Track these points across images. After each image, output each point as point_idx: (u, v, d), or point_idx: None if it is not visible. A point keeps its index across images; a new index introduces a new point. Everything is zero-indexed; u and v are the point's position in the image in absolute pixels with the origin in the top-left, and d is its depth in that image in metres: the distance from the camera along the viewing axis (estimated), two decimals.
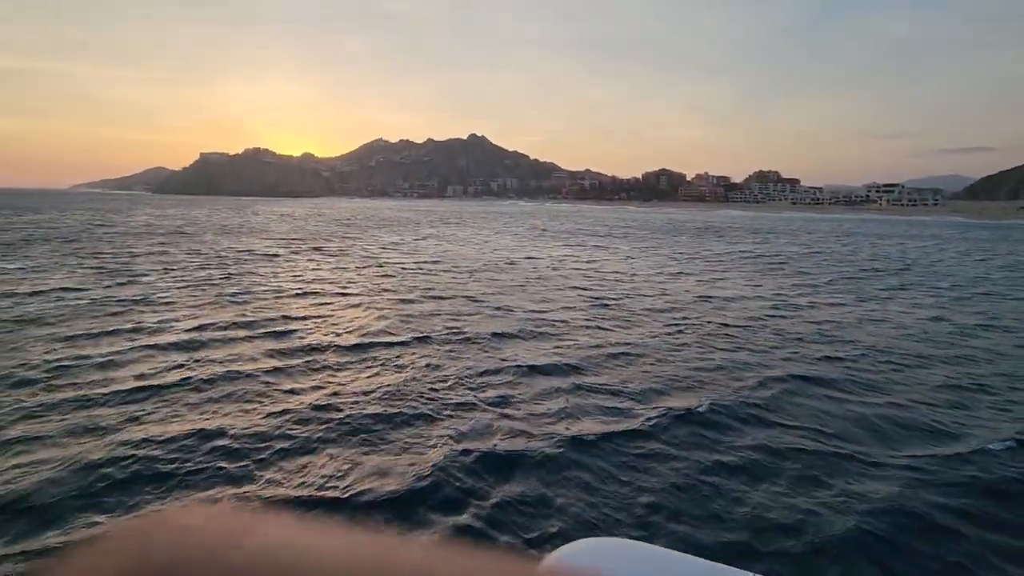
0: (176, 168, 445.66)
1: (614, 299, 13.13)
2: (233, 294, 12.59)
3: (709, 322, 10.79)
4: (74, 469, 4.72)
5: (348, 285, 14.51)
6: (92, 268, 16.04)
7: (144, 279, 14.51)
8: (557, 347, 8.71)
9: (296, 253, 22.62)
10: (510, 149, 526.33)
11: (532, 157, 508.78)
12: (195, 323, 9.73)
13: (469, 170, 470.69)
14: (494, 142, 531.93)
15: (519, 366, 7.60)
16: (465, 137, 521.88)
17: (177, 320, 9.94)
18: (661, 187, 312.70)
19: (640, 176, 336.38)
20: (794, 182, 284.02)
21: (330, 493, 4.48)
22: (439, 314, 11.06)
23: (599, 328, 10.15)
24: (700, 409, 6.14)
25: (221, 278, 14.98)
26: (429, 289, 14.09)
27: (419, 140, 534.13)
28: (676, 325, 10.54)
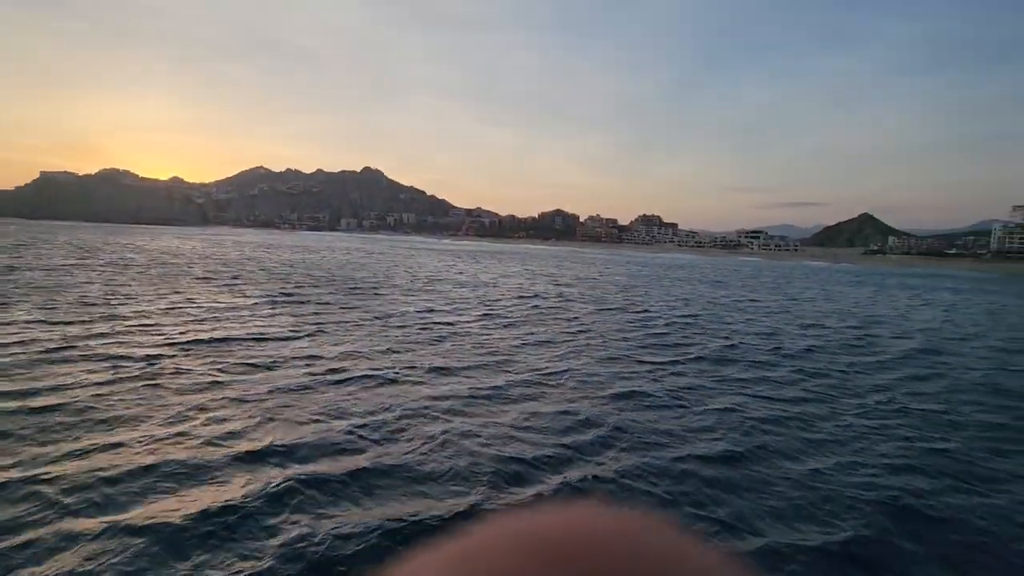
0: (7, 187, 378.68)
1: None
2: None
3: None
4: None
5: None
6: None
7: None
8: None
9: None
10: (406, 184, 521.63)
11: (429, 193, 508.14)
12: None
13: (363, 203, 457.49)
14: (390, 177, 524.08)
15: None
16: (359, 170, 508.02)
17: None
18: (557, 227, 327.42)
19: (537, 215, 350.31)
20: (674, 226, 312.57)
21: None
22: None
23: None
24: None
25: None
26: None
27: (308, 170, 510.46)
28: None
